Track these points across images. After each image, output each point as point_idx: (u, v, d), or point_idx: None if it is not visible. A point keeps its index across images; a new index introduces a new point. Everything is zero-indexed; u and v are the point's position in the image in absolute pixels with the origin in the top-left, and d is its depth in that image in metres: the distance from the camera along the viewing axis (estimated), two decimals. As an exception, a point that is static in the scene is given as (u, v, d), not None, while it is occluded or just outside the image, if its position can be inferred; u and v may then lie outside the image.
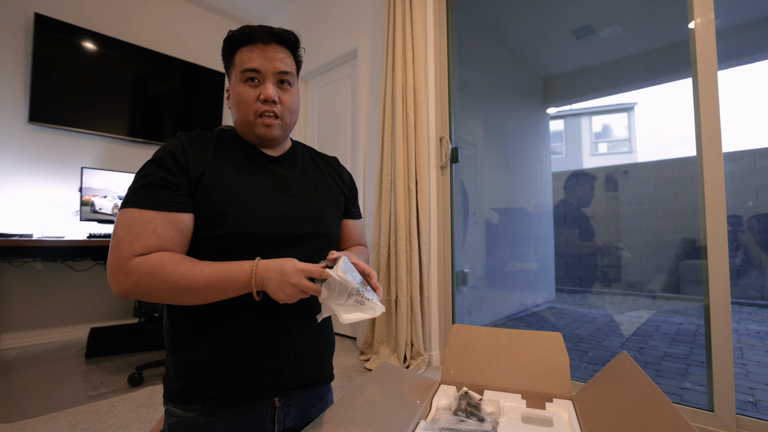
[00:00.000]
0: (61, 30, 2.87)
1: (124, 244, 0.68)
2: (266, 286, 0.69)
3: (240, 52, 0.82)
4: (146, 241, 0.69)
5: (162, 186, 0.73)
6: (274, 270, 0.69)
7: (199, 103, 3.65)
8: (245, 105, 0.82)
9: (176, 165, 0.75)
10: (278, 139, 0.87)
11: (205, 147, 0.81)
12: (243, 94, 0.82)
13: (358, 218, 1.07)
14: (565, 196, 3.17)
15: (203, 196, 0.76)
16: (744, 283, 2.40)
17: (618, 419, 0.72)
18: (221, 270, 0.69)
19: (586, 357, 2.47)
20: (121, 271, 0.68)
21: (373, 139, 2.80)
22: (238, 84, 0.82)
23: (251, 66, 0.81)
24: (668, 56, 2.54)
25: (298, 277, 0.67)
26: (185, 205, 0.75)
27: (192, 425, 0.76)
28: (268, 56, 0.81)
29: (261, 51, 0.81)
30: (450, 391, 1.00)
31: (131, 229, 0.69)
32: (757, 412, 1.63)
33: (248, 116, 0.82)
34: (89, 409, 1.74)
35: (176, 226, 0.73)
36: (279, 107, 0.84)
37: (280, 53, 0.84)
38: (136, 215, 0.70)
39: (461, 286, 2.64)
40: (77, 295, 3.00)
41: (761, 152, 2.41)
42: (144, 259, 0.68)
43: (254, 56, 0.81)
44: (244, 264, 0.70)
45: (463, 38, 2.72)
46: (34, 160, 2.83)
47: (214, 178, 0.78)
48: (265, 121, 0.82)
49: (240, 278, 0.69)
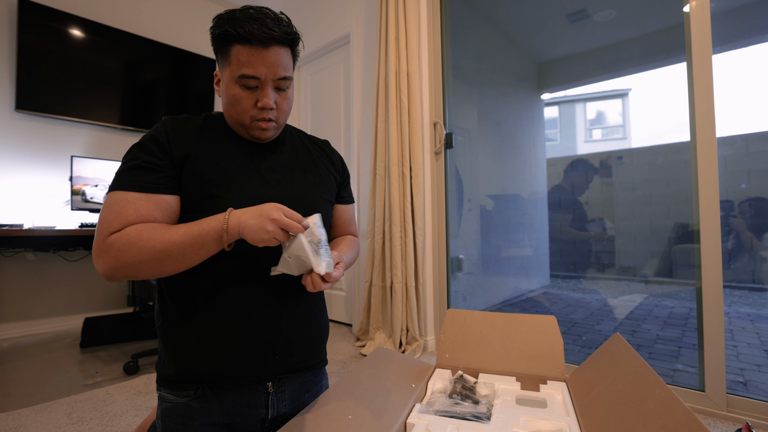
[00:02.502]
0: (46, 16, 2.80)
1: (105, 224, 0.68)
2: (243, 231, 0.68)
3: (236, 50, 0.75)
4: (126, 219, 0.69)
5: (146, 168, 0.72)
6: (251, 212, 0.69)
7: (191, 91, 3.60)
8: (241, 109, 0.79)
9: (159, 148, 0.74)
10: (271, 138, 0.86)
11: (190, 130, 0.80)
12: (239, 98, 0.78)
13: (350, 203, 1.06)
14: (562, 181, 3.17)
15: (189, 178, 0.75)
16: (735, 266, 2.42)
17: (611, 399, 0.73)
18: (195, 226, 0.69)
19: (580, 341, 2.49)
20: (101, 249, 0.68)
21: (367, 124, 2.78)
22: (234, 85, 0.78)
23: (250, 73, 0.76)
24: (663, 40, 2.53)
25: (278, 213, 0.67)
26: (169, 187, 0.74)
27: (184, 410, 0.76)
28: (267, 61, 0.76)
29: (261, 56, 0.75)
30: (445, 375, 1.01)
31: (113, 209, 0.69)
32: (747, 392, 1.66)
33: (243, 119, 0.80)
34: (85, 397, 1.74)
35: (160, 207, 0.72)
36: (275, 113, 0.81)
37: (280, 56, 0.78)
38: (119, 197, 0.70)
39: (456, 272, 2.65)
40: (70, 285, 2.98)
41: (754, 136, 2.41)
42: (121, 233, 0.67)
43: (254, 61, 0.75)
44: (216, 215, 0.70)
45: (457, 22, 2.69)
46: (23, 149, 2.78)
47: (200, 161, 0.77)
48: (261, 125, 0.81)
49: (214, 228, 0.68)
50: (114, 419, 1.54)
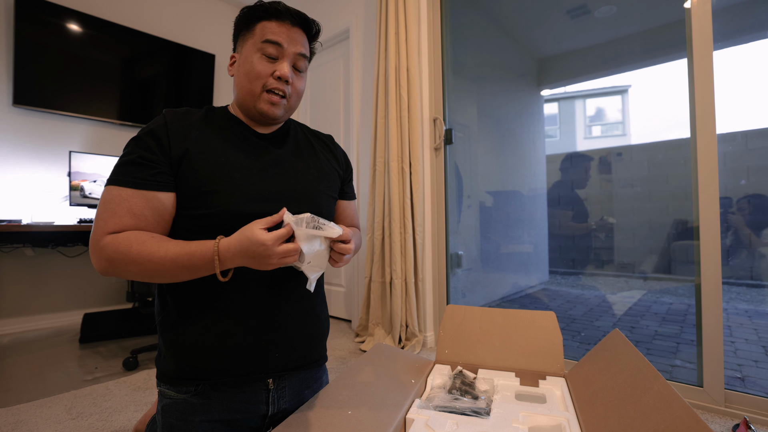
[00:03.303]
0: (44, 10, 2.78)
1: (100, 222, 0.69)
2: (240, 264, 0.68)
3: (264, 23, 0.81)
4: (120, 220, 0.69)
5: (140, 164, 0.72)
6: (237, 250, 0.67)
7: (189, 86, 3.58)
8: (255, 75, 0.80)
9: (156, 143, 0.74)
10: (278, 119, 0.86)
11: (190, 124, 0.79)
12: (257, 65, 0.80)
13: (353, 199, 1.05)
14: (561, 177, 3.17)
15: (187, 173, 0.75)
16: (734, 263, 2.43)
17: (610, 394, 0.73)
18: (184, 255, 0.67)
19: (579, 337, 2.50)
20: (95, 249, 0.68)
21: (367, 120, 2.77)
22: (254, 53, 0.81)
23: (275, 39, 0.80)
24: (663, 36, 2.52)
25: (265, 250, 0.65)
26: (163, 184, 0.73)
27: (185, 407, 0.76)
28: (292, 36, 0.82)
29: (287, 29, 0.82)
30: (444, 371, 1.01)
31: (108, 206, 0.70)
32: (745, 387, 1.67)
33: (255, 88, 0.81)
34: (84, 393, 1.74)
35: (152, 205, 0.72)
36: (289, 88, 0.83)
37: (303, 37, 0.85)
38: (114, 193, 0.70)
39: (455, 269, 2.65)
40: (69, 281, 2.98)
41: (754, 133, 2.41)
42: (114, 238, 0.68)
43: (280, 31, 0.81)
44: (206, 244, 0.68)
45: (457, 18, 2.67)
46: (21, 144, 2.77)
47: (200, 155, 0.76)
48: (272, 99, 0.81)
49: (206, 258, 0.68)
50: (113, 414, 1.54)
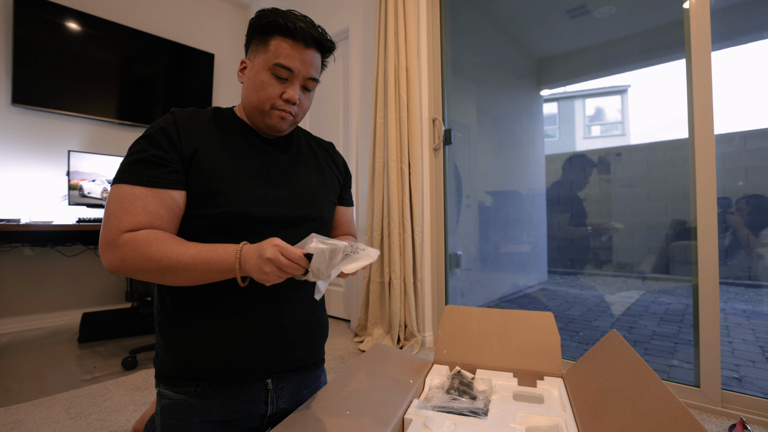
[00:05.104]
0: (42, 8, 2.78)
1: (114, 220, 0.68)
2: (246, 268, 0.67)
3: (277, 40, 0.79)
4: (136, 218, 0.69)
5: (153, 163, 0.72)
6: (254, 250, 0.67)
7: (189, 85, 3.57)
8: (265, 96, 0.80)
9: (168, 141, 0.74)
10: (284, 132, 0.87)
11: (198, 124, 0.80)
12: (267, 85, 0.80)
13: (350, 205, 1.07)
14: (561, 177, 3.17)
15: (196, 173, 0.75)
16: (732, 263, 2.43)
17: (607, 395, 0.73)
18: (206, 251, 0.68)
19: (577, 337, 2.50)
20: (110, 246, 0.68)
21: (366, 120, 2.77)
22: (264, 71, 0.80)
23: (287, 64, 0.79)
24: (662, 37, 2.52)
25: (274, 252, 0.63)
26: (176, 182, 0.74)
27: (184, 407, 0.76)
28: (304, 59, 0.81)
29: (300, 52, 0.80)
30: (443, 371, 1.01)
31: (122, 204, 0.69)
32: (742, 387, 1.68)
33: (264, 105, 0.81)
34: (83, 392, 1.74)
35: (166, 204, 0.72)
36: (296, 108, 0.84)
37: (315, 58, 0.84)
38: (127, 191, 0.70)
39: (454, 269, 2.65)
40: (68, 280, 2.97)
41: (752, 134, 2.42)
42: (132, 236, 0.67)
43: (292, 55, 0.79)
44: (229, 247, 0.68)
45: (457, 18, 2.68)
46: (19, 143, 2.77)
47: (208, 156, 0.77)
48: (281, 114, 0.82)
49: (224, 260, 0.67)
50: (112, 414, 1.54)
